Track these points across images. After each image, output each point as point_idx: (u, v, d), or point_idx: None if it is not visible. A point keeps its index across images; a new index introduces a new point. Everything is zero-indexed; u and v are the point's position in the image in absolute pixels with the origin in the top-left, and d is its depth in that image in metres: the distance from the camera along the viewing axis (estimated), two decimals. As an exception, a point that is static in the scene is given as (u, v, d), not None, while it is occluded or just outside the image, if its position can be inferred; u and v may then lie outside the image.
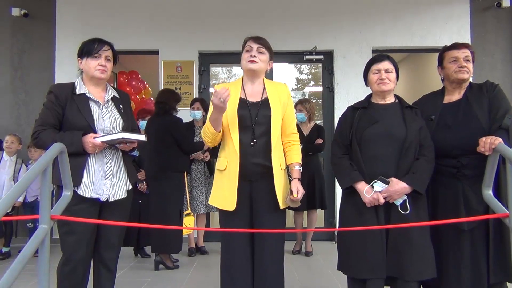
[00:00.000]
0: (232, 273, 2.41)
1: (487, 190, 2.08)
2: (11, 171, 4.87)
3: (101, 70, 2.43)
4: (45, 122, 2.37)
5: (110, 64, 2.51)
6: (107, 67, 2.46)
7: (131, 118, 2.64)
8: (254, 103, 2.45)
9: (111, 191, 2.42)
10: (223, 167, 2.42)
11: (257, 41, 2.46)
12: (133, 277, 3.97)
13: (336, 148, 2.50)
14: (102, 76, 2.44)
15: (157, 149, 4.20)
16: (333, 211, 5.57)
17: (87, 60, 2.44)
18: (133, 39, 5.58)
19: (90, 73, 2.44)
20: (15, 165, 4.92)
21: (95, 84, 2.48)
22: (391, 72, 2.42)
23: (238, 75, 8.39)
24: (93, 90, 2.47)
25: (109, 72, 2.49)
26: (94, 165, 2.39)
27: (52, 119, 2.38)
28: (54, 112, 2.38)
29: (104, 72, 2.45)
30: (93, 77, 2.45)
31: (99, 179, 2.39)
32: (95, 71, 2.42)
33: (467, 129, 2.32)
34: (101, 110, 2.45)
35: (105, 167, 2.42)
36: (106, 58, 2.46)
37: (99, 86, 2.50)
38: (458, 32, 5.60)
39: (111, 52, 2.50)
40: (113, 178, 2.44)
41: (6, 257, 4.80)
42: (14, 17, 5.61)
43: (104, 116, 2.44)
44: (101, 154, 2.41)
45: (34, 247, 1.65)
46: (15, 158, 4.96)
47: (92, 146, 2.31)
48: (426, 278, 2.25)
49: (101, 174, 2.40)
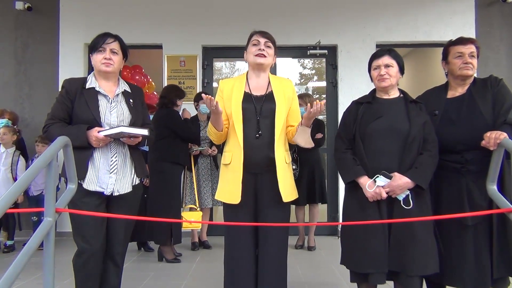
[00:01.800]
0: (236, 266, 2.42)
1: (492, 185, 2.08)
2: (7, 162, 4.81)
3: (106, 63, 2.43)
4: (55, 116, 2.41)
5: (117, 57, 2.49)
6: (112, 60, 2.45)
7: (141, 113, 2.61)
8: (259, 97, 2.47)
9: (116, 185, 2.43)
10: (228, 161, 2.43)
11: (264, 36, 2.48)
12: (136, 271, 4.00)
13: (340, 143, 2.50)
14: (107, 69, 2.44)
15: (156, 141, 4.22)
16: (336, 206, 5.58)
17: (94, 55, 2.46)
18: (136, 33, 5.57)
19: (97, 67, 2.46)
20: (12, 157, 4.85)
21: (105, 78, 2.49)
22: (391, 67, 2.41)
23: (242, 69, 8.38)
24: (104, 85, 2.48)
25: (116, 65, 2.48)
26: (99, 159, 2.40)
27: (62, 113, 2.41)
28: (64, 106, 2.41)
29: (109, 65, 2.44)
30: (99, 71, 2.45)
31: (103, 173, 2.39)
32: (100, 65, 2.43)
33: (471, 124, 2.31)
34: (110, 104, 2.46)
35: (110, 161, 2.42)
36: (111, 51, 2.45)
37: (110, 80, 2.51)
38: (462, 27, 5.56)
39: (117, 44, 2.49)
40: (118, 172, 2.44)
41: (10, 250, 4.82)
42: (17, 11, 5.61)
43: (112, 110, 2.45)
44: (106, 148, 2.42)
45: (39, 240, 1.66)
46: (12, 150, 4.88)
47: (96, 140, 2.32)
48: (429, 273, 2.25)
49: (106, 168, 2.41)
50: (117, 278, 2.55)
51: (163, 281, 3.69)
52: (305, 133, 2.38)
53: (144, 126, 2.54)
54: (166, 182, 4.26)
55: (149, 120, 2.75)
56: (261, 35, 2.48)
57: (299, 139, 2.39)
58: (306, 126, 2.37)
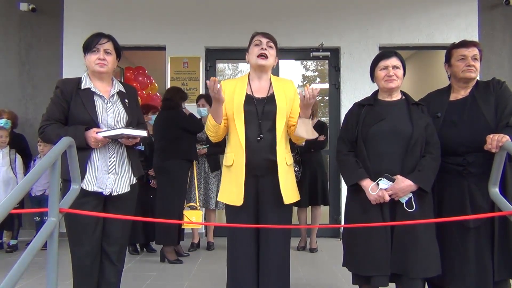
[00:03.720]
0: (238, 267, 2.43)
1: (494, 188, 2.08)
2: (6, 161, 4.81)
3: (100, 63, 2.43)
4: (51, 117, 2.41)
5: (111, 57, 2.48)
6: (106, 60, 2.45)
7: (136, 113, 2.63)
8: (260, 99, 2.47)
9: (114, 185, 2.44)
10: (230, 162, 2.44)
11: (266, 36, 2.49)
12: (139, 271, 4.00)
13: (342, 145, 2.50)
14: (101, 69, 2.44)
15: (162, 142, 4.33)
16: (338, 208, 5.58)
17: (87, 55, 2.46)
18: (140, 35, 5.60)
19: (91, 68, 2.46)
20: (9, 155, 4.85)
21: (99, 78, 2.49)
22: (398, 69, 2.42)
23: (244, 71, 8.38)
24: (98, 85, 2.48)
25: (110, 65, 2.48)
26: (98, 159, 2.41)
27: (58, 113, 2.41)
28: (60, 107, 2.41)
29: (104, 66, 2.44)
30: (94, 71, 2.46)
31: (102, 173, 2.40)
32: (94, 65, 2.43)
33: (473, 126, 2.31)
34: (105, 104, 2.46)
35: (108, 162, 2.43)
36: (105, 51, 2.45)
37: (104, 81, 2.51)
38: (465, 29, 5.57)
39: (111, 44, 2.48)
40: (116, 172, 2.45)
41: (13, 250, 4.84)
42: (22, 12, 5.62)
43: (108, 111, 2.46)
44: (104, 148, 2.43)
45: (43, 240, 1.67)
46: (7, 150, 4.86)
47: (95, 141, 2.33)
48: (431, 275, 2.25)
49: (104, 168, 2.41)
50: (115, 277, 2.54)
51: (165, 282, 3.69)
52: (305, 125, 2.37)
53: (139, 126, 2.56)
54: (174, 182, 4.29)
55: (143, 120, 2.76)
56: (263, 36, 2.49)
57: (301, 131, 2.37)
58: (305, 118, 2.37)
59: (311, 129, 2.39)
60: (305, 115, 2.36)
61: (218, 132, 2.47)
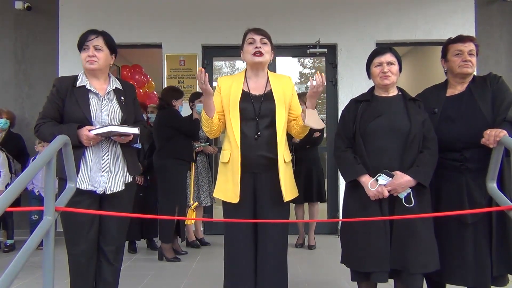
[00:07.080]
0: (235, 265, 2.42)
1: (491, 183, 2.08)
2: None
3: (90, 61, 2.41)
4: (46, 115, 2.41)
5: (102, 53, 2.44)
6: (96, 56, 2.41)
7: (133, 110, 2.61)
8: (257, 96, 2.46)
9: (108, 183, 2.42)
10: (226, 159, 2.43)
11: (258, 32, 2.46)
12: (137, 270, 4.00)
13: (340, 141, 2.48)
14: (91, 66, 2.42)
15: (158, 142, 4.39)
16: (336, 205, 5.58)
17: (81, 54, 2.45)
18: (136, 33, 5.58)
19: (83, 66, 2.45)
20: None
21: (94, 76, 2.48)
22: (393, 65, 2.40)
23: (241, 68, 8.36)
24: (94, 83, 2.47)
25: (101, 62, 2.43)
26: (91, 157, 2.39)
27: (53, 112, 2.41)
28: (55, 105, 2.40)
29: (94, 62, 2.41)
30: (86, 69, 2.45)
31: (95, 172, 2.39)
32: (85, 63, 2.42)
33: (470, 122, 2.31)
34: (100, 102, 2.45)
35: (102, 160, 2.42)
36: (94, 47, 2.41)
37: (100, 78, 2.50)
38: (462, 25, 5.56)
39: (100, 40, 2.43)
40: (110, 171, 2.43)
41: (10, 250, 4.83)
42: (17, 11, 5.61)
43: (103, 108, 2.44)
44: (97, 146, 2.41)
45: (39, 239, 1.66)
46: None
47: (87, 139, 2.32)
48: (430, 270, 2.24)
49: (97, 166, 2.40)
50: (112, 277, 2.52)
51: (164, 280, 3.69)
52: (313, 115, 2.39)
53: (136, 123, 2.54)
54: (171, 180, 4.33)
55: (142, 117, 2.74)
56: (256, 33, 2.46)
57: (310, 122, 2.38)
58: (311, 108, 2.38)
59: (318, 119, 2.41)
60: (311, 106, 2.39)
61: (212, 127, 2.44)
